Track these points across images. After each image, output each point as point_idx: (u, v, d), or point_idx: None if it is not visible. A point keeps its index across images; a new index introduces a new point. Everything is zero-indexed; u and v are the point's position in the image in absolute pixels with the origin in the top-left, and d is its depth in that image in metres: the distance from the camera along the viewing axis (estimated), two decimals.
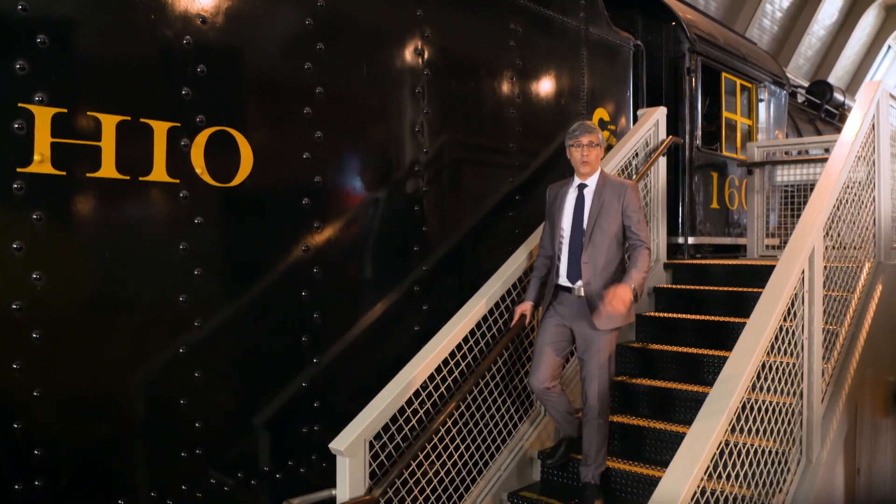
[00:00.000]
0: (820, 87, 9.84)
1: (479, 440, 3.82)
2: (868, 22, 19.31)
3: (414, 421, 3.47)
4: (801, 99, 9.57)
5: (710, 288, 4.83)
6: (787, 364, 3.16)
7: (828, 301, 3.57)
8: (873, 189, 4.27)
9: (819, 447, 3.37)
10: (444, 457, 3.63)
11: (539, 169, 4.80)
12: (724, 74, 6.59)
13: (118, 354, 2.92)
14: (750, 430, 2.86)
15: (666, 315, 4.77)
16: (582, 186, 3.56)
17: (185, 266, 3.09)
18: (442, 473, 3.62)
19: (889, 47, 21.54)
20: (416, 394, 3.48)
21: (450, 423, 3.66)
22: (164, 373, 3.05)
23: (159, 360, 3.04)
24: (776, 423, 3.07)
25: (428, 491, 3.56)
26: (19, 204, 2.66)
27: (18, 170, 2.65)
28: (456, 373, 3.64)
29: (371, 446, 3.30)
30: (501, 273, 3.90)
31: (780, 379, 3.09)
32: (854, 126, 3.95)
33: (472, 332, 3.70)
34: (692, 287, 4.92)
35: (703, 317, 4.57)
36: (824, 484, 3.36)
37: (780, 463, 3.12)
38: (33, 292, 2.69)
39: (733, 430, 2.73)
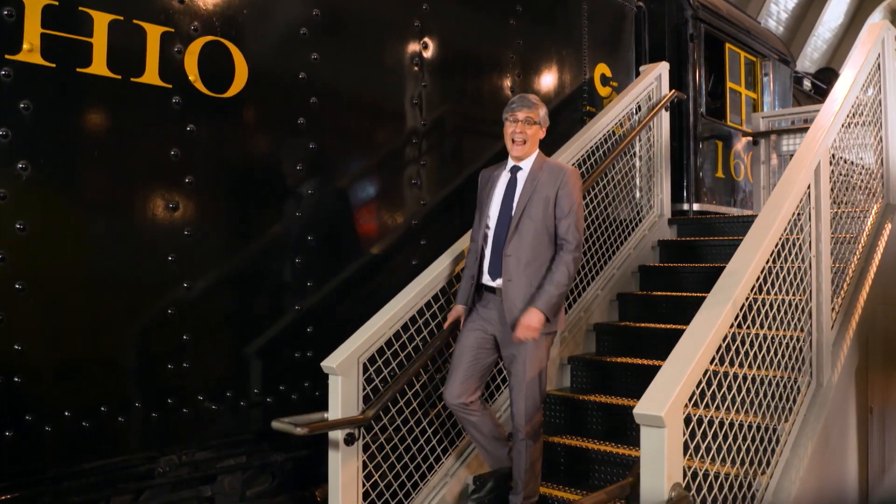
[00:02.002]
0: (825, 74, 9.80)
1: None
2: None
3: (410, 348, 3.38)
4: (807, 86, 9.53)
5: (717, 238, 4.75)
6: (796, 277, 3.06)
7: (836, 242, 3.47)
8: (880, 129, 4.19)
9: (830, 371, 3.25)
10: (443, 389, 3.52)
11: None
12: (727, 45, 6.56)
13: (104, 255, 2.85)
14: (757, 335, 2.75)
15: (668, 265, 4.68)
16: (515, 169, 3.11)
17: (176, 172, 3.03)
18: (440, 407, 3.51)
19: None
20: (413, 320, 3.39)
21: (448, 353, 3.56)
22: (151, 279, 2.97)
23: (146, 266, 2.97)
24: (784, 332, 2.95)
25: (425, 423, 3.45)
26: (6, 91, 2.62)
27: (7, 56, 2.62)
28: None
29: (365, 369, 3.21)
30: None
31: (788, 290, 2.99)
32: (859, 58, 3.89)
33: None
34: (697, 238, 4.85)
35: (708, 265, 4.48)
36: (836, 411, 3.23)
37: (790, 380, 3.00)
38: (17, 182, 2.64)
39: (738, 328, 2.63)
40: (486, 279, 3.11)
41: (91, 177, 2.83)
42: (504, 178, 3.14)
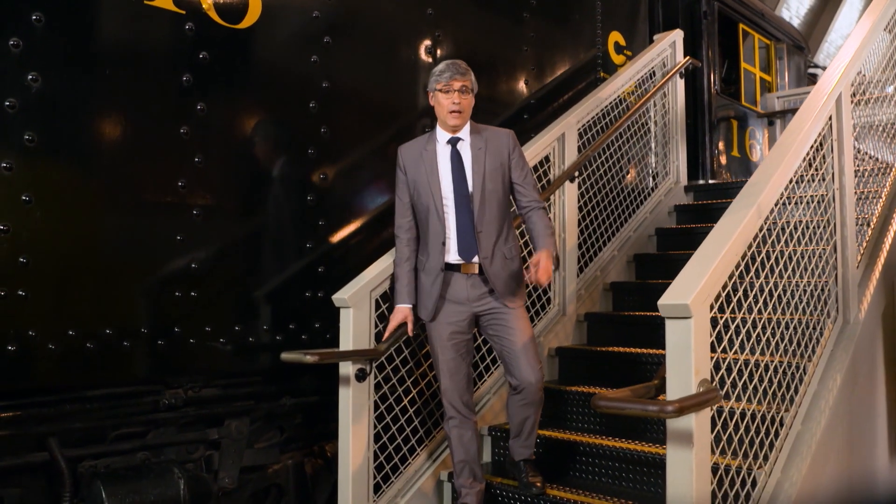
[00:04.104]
0: None
1: None
2: None
3: None
4: None
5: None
6: (819, 206, 2.98)
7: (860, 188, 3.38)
8: None
9: (856, 309, 3.14)
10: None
11: (552, 86, 4.71)
12: (741, 26, 6.53)
13: (113, 172, 2.81)
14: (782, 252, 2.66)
15: (685, 226, 4.61)
16: (455, 141, 2.85)
17: (189, 98, 3.00)
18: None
19: None
20: None
21: None
22: (160, 205, 2.92)
23: (155, 190, 2.92)
24: (809, 258, 2.86)
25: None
26: (18, 1, 2.60)
27: None
28: None
29: (377, 306, 3.12)
30: None
31: (811, 220, 2.90)
32: (877, 8, 3.83)
33: None
34: (714, 201, 4.78)
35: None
36: (863, 350, 3.12)
37: (815, 310, 2.90)
38: (26, 95, 2.60)
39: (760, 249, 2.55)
40: (456, 259, 2.84)
41: (100, 94, 2.79)
42: (443, 152, 2.86)
